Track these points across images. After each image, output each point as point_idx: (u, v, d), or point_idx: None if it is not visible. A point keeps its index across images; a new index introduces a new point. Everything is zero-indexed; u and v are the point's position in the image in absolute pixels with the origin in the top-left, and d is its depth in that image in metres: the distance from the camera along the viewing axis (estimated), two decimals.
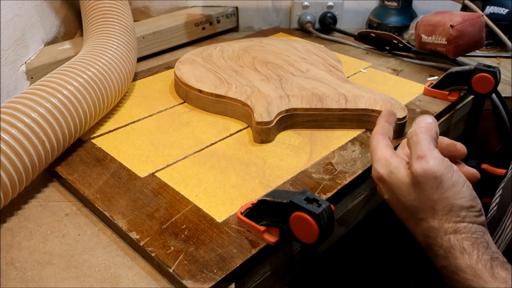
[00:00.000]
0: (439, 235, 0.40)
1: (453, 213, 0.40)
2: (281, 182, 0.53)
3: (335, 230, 0.45)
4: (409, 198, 0.43)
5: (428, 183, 0.41)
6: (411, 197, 0.43)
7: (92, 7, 0.74)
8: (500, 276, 0.37)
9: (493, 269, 0.37)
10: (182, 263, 0.43)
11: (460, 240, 0.39)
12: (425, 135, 0.44)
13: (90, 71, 0.60)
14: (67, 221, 0.50)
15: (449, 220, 0.40)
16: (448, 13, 0.81)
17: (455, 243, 0.39)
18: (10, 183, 0.47)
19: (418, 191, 0.42)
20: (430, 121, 0.46)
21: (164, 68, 0.84)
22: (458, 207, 0.41)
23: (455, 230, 0.40)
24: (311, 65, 0.76)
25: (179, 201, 0.51)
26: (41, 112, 0.51)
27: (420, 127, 0.45)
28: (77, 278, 0.43)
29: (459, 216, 0.40)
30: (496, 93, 0.76)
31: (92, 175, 0.55)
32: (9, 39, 0.69)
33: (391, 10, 1.01)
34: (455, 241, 0.39)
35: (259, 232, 0.45)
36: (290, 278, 0.51)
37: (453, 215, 0.40)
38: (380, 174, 0.46)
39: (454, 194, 0.41)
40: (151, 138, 0.62)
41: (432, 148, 0.43)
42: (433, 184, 0.41)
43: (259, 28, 1.06)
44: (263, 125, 0.59)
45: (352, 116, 0.63)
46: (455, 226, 0.40)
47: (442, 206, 0.41)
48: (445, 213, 0.41)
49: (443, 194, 0.41)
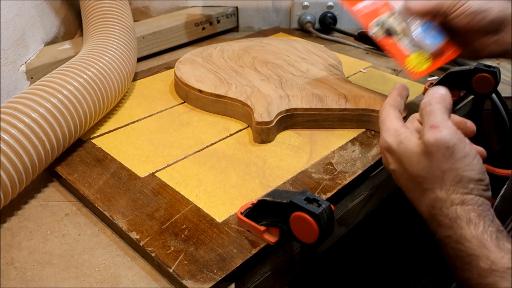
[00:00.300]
0: (445, 205, 0.40)
1: (462, 184, 0.40)
2: (281, 182, 0.53)
3: (335, 230, 0.45)
4: (417, 168, 0.43)
5: (439, 152, 0.41)
6: (420, 166, 0.43)
7: (92, 7, 0.74)
8: (505, 247, 0.37)
9: (498, 240, 0.37)
10: (182, 263, 0.43)
11: (466, 211, 0.39)
12: (439, 105, 0.44)
13: (90, 71, 0.60)
14: (67, 221, 0.50)
15: (456, 191, 0.40)
16: None
17: (461, 213, 0.39)
18: (10, 183, 0.47)
19: (429, 161, 0.42)
20: (444, 92, 0.45)
21: (164, 68, 0.84)
22: (467, 179, 0.40)
23: (462, 201, 0.40)
24: (311, 65, 0.76)
25: (179, 201, 0.51)
26: (41, 112, 0.51)
27: (435, 97, 0.45)
28: (77, 278, 0.43)
29: (467, 188, 0.40)
30: (496, 93, 0.76)
31: (92, 175, 0.55)
32: (9, 39, 0.69)
33: None
34: (462, 212, 0.39)
35: (259, 232, 0.45)
36: (290, 278, 0.51)
37: (461, 187, 0.40)
38: (389, 144, 0.46)
39: (464, 166, 0.41)
40: (151, 138, 0.62)
41: (446, 118, 0.43)
42: (444, 154, 0.41)
43: (259, 28, 1.06)
44: (263, 125, 0.59)
45: (352, 116, 0.63)
46: (462, 198, 0.40)
47: (451, 177, 0.41)
48: (453, 184, 0.40)
49: (453, 164, 0.41)
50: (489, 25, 0.53)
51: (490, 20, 0.53)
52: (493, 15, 0.53)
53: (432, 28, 0.56)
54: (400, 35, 0.57)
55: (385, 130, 0.47)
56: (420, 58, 0.55)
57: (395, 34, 0.57)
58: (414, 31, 0.56)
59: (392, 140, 0.46)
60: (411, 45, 0.56)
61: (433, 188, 0.42)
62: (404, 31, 0.57)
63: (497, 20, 0.53)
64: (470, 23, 0.54)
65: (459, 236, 0.39)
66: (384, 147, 0.47)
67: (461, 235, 0.39)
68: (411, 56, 0.55)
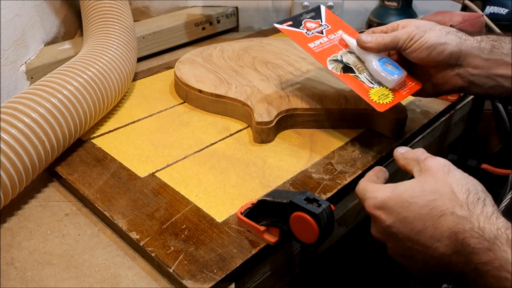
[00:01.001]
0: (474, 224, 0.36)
1: (472, 195, 0.38)
2: (281, 182, 0.53)
3: (335, 230, 0.45)
4: (424, 194, 0.40)
5: (440, 170, 0.41)
6: (426, 190, 0.40)
7: (92, 7, 0.74)
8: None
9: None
10: (182, 263, 0.43)
11: (502, 230, 0.35)
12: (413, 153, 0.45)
13: (90, 71, 0.60)
14: (67, 221, 0.50)
15: (475, 205, 0.37)
16: (448, 13, 0.81)
17: (497, 233, 0.35)
18: (10, 183, 0.47)
19: (434, 181, 0.40)
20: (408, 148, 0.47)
21: (164, 68, 0.84)
22: (473, 187, 0.39)
23: (486, 216, 0.36)
24: (311, 65, 0.76)
25: (179, 201, 0.51)
26: (41, 112, 0.51)
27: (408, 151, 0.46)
28: (77, 278, 0.43)
29: (480, 198, 0.38)
30: None
31: (92, 175, 0.55)
32: (9, 39, 0.69)
33: (391, 10, 1.01)
34: (497, 231, 0.35)
35: (259, 232, 0.45)
36: (290, 278, 0.51)
37: (474, 198, 0.38)
38: (381, 199, 0.41)
39: (464, 178, 0.40)
40: (151, 138, 0.62)
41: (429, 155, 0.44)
42: (444, 169, 0.41)
43: (259, 28, 1.06)
44: (263, 125, 0.59)
45: (352, 116, 0.63)
46: (484, 214, 0.37)
47: (459, 188, 0.39)
48: (466, 196, 0.38)
49: (455, 176, 0.40)
50: (447, 59, 0.52)
51: (449, 53, 0.52)
52: (451, 49, 0.52)
53: (390, 63, 0.56)
54: (358, 71, 0.56)
55: (369, 193, 0.43)
56: (381, 92, 0.54)
57: (352, 70, 0.56)
58: (371, 66, 0.55)
59: (382, 194, 0.42)
60: (369, 80, 0.55)
61: (450, 207, 0.38)
62: (360, 67, 0.56)
63: (456, 53, 0.52)
64: (428, 57, 0.53)
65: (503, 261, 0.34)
66: (375, 207, 0.42)
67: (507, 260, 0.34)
68: (372, 90, 0.54)
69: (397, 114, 0.60)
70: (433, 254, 0.39)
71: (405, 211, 0.40)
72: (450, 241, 0.37)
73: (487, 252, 0.35)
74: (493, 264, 0.35)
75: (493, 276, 0.35)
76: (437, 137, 0.71)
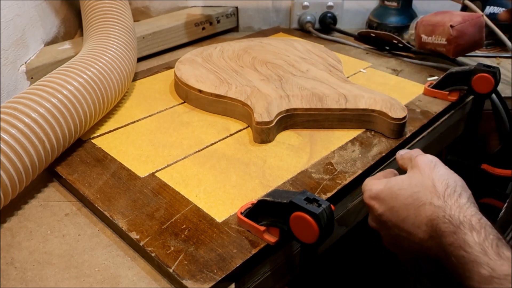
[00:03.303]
0: (446, 212, 0.42)
1: (450, 189, 0.44)
2: (281, 182, 0.53)
3: (335, 230, 0.45)
4: (411, 186, 0.46)
5: (427, 165, 0.47)
6: (413, 182, 0.46)
7: (92, 7, 0.74)
8: (505, 256, 0.38)
9: (498, 248, 0.38)
10: (182, 263, 0.43)
11: (468, 218, 0.41)
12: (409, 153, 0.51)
13: (90, 71, 0.60)
14: (67, 221, 0.50)
15: (451, 196, 0.43)
16: (448, 13, 0.81)
17: (463, 219, 0.41)
18: (10, 183, 0.47)
19: (420, 175, 0.46)
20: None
21: (164, 68, 0.84)
22: (453, 182, 0.45)
23: (459, 206, 0.42)
24: (311, 65, 0.76)
25: (179, 201, 0.51)
26: (41, 112, 0.51)
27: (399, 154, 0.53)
28: (77, 278, 0.43)
29: (456, 191, 0.43)
30: (496, 93, 0.76)
31: (92, 175, 0.55)
32: (9, 39, 0.69)
33: (391, 10, 1.01)
34: (464, 218, 0.41)
35: (259, 232, 0.45)
36: (290, 278, 0.51)
37: (451, 191, 0.44)
38: (377, 190, 0.47)
39: (448, 173, 0.46)
40: (151, 138, 0.62)
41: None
42: (430, 165, 0.47)
43: (259, 28, 1.06)
44: (263, 125, 0.59)
45: (352, 116, 0.63)
46: (458, 203, 0.42)
47: (439, 182, 0.44)
48: (444, 189, 0.44)
49: (439, 172, 0.46)
50: None
51: None
52: None
53: None
54: None
55: (368, 186, 0.49)
56: None
57: None
58: None
59: (377, 187, 0.48)
60: None
61: (430, 199, 0.43)
62: None
63: None
64: None
65: (462, 241, 0.40)
66: (371, 197, 0.48)
67: (464, 241, 0.39)
68: None
69: (397, 114, 0.60)
70: (414, 239, 0.44)
71: (393, 201, 0.46)
72: (427, 227, 0.43)
73: (452, 234, 0.40)
74: (455, 245, 0.40)
75: (455, 256, 0.40)
76: (437, 137, 0.71)
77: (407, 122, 0.62)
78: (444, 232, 0.41)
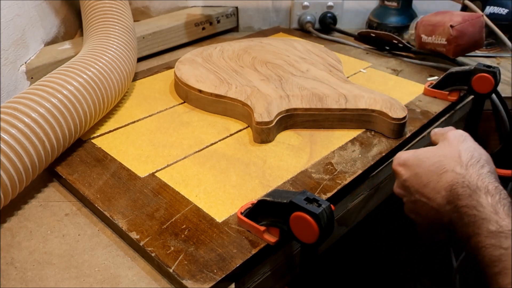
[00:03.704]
0: (465, 178, 0.45)
1: (474, 159, 0.47)
2: (281, 182, 0.53)
3: (335, 230, 0.45)
4: (437, 155, 0.49)
5: (456, 138, 0.50)
6: (439, 153, 0.49)
7: (92, 7, 0.74)
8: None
9: (510, 211, 0.41)
10: (182, 263, 0.43)
11: (485, 184, 0.44)
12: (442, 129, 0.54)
13: (90, 71, 0.60)
14: (67, 221, 0.50)
15: (473, 166, 0.46)
16: (448, 13, 0.81)
17: (481, 185, 0.44)
18: (10, 183, 0.47)
19: (449, 145, 0.50)
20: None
21: (164, 68, 0.84)
22: (478, 154, 0.48)
23: (479, 175, 0.45)
24: (311, 65, 0.76)
25: (179, 201, 0.51)
26: (41, 112, 0.51)
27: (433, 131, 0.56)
28: (77, 278, 0.43)
29: (479, 162, 0.47)
30: (496, 93, 0.76)
31: (92, 175, 0.55)
32: (9, 39, 0.69)
33: (391, 10, 1.01)
34: (481, 184, 0.44)
35: (259, 232, 0.45)
36: (290, 278, 0.51)
37: (474, 161, 0.47)
38: (403, 158, 0.51)
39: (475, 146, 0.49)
40: (151, 138, 0.62)
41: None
42: (460, 139, 0.50)
43: (259, 28, 1.06)
44: (263, 125, 0.59)
45: (352, 116, 0.63)
46: (479, 172, 0.46)
47: (465, 154, 0.48)
48: (468, 159, 0.47)
49: (467, 144, 0.49)
50: None
51: None
52: None
53: None
54: None
55: (397, 155, 0.53)
56: None
57: None
58: None
59: (405, 155, 0.51)
60: None
61: (452, 166, 0.47)
62: None
63: None
64: None
65: (476, 202, 0.43)
66: (399, 164, 0.52)
67: (478, 201, 0.43)
68: None
69: (397, 114, 0.60)
70: (433, 205, 0.47)
71: (418, 167, 0.49)
72: (446, 192, 0.46)
73: (468, 197, 0.44)
74: (469, 206, 0.43)
75: (468, 215, 0.43)
76: None
77: (407, 122, 0.62)
78: (460, 195, 0.44)
